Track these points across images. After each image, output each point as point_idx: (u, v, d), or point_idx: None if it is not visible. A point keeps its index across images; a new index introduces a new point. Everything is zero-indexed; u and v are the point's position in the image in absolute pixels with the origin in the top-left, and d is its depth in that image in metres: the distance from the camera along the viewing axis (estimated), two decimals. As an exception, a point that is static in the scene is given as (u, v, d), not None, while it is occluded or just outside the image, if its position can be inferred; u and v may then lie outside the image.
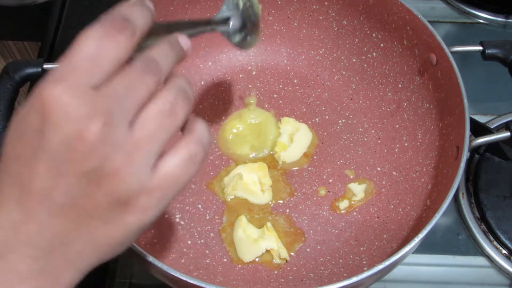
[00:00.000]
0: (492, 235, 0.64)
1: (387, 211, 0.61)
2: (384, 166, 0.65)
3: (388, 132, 0.67)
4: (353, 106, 0.69)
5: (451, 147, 0.56)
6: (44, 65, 0.57)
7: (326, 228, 0.61)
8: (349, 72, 0.70)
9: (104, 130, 0.28)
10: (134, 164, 0.30)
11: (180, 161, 0.32)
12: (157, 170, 0.31)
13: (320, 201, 0.63)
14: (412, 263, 0.62)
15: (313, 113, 0.69)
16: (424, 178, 0.60)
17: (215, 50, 0.72)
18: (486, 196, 0.65)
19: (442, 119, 0.60)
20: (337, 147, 0.67)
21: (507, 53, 0.57)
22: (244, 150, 0.66)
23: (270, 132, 0.68)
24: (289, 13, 0.70)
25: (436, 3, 0.85)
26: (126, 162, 0.29)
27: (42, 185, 0.29)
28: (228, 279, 0.57)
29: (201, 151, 0.33)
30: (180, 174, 0.32)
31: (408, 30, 0.62)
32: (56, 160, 0.29)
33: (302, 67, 0.72)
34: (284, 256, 0.58)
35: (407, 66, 0.64)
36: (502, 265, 0.62)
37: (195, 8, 0.67)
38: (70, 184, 0.29)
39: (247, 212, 0.62)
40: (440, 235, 0.65)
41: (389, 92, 0.67)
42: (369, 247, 0.59)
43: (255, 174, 0.63)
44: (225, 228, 0.61)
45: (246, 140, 0.67)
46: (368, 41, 0.67)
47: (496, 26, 0.82)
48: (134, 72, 0.30)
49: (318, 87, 0.71)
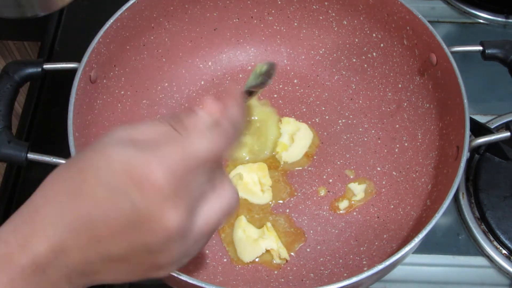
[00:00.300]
0: (492, 235, 0.64)
1: (387, 211, 0.61)
2: (384, 166, 0.65)
3: (388, 132, 0.67)
4: (353, 106, 0.69)
5: (451, 147, 0.56)
6: (44, 65, 0.57)
7: (326, 228, 0.61)
8: (349, 72, 0.70)
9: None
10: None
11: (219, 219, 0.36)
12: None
13: (320, 201, 0.63)
14: (412, 263, 0.62)
15: (313, 113, 0.69)
16: (424, 178, 0.60)
17: (215, 50, 0.72)
18: (486, 196, 0.65)
19: (442, 119, 0.60)
20: (337, 147, 0.67)
21: (507, 53, 0.57)
22: (241, 153, 0.66)
23: (271, 133, 0.67)
24: (289, 13, 0.70)
25: (436, 3, 0.84)
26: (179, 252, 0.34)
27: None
28: (228, 279, 0.57)
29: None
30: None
31: (408, 30, 0.62)
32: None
33: (302, 67, 0.72)
34: (284, 256, 0.58)
35: (407, 66, 0.64)
36: (502, 265, 0.62)
37: (195, 8, 0.67)
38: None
39: (246, 212, 0.62)
40: (440, 235, 0.65)
41: (389, 92, 0.67)
42: (369, 247, 0.59)
43: (255, 174, 0.63)
44: (224, 228, 0.61)
45: (244, 143, 0.67)
46: (368, 41, 0.67)
47: (496, 26, 0.82)
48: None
49: (318, 87, 0.71)
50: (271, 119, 0.69)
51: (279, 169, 0.65)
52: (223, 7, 0.68)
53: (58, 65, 0.58)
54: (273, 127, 0.68)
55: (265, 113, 0.69)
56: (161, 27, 0.66)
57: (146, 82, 0.67)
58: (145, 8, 0.62)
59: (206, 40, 0.70)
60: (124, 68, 0.64)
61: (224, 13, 0.69)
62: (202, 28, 0.69)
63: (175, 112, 0.69)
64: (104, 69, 0.60)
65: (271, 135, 0.67)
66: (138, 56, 0.65)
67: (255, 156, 0.66)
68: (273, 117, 0.69)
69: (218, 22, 0.70)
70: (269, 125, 0.68)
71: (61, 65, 0.57)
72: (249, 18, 0.70)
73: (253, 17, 0.70)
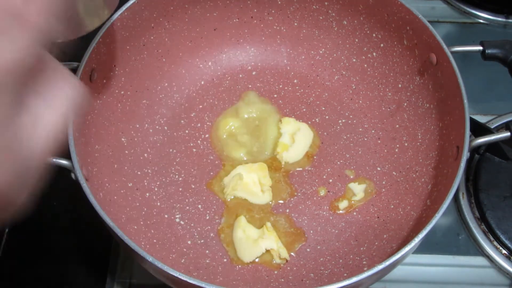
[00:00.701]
0: (492, 235, 0.64)
1: (387, 211, 0.61)
2: (384, 166, 0.65)
3: (388, 132, 0.67)
4: (353, 106, 0.69)
5: (451, 147, 0.56)
6: (44, 65, 0.57)
7: (326, 228, 0.61)
8: (349, 72, 0.70)
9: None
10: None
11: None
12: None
13: (320, 201, 0.63)
14: (412, 263, 0.63)
15: (313, 113, 0.69)
16: (424, 178, 0.60)
17: (215, 50, 0.72)
18: (486, 196, 0.65)
19: (442, 119, 0.60)
20: (337, 147, 0.67)
21: (507, 53, 0.57)
22: (239, 154, 0.66)
23: (271, 133, 0.67)
24: (289, 13, 0.70)
25: (436, 3, 0.85)
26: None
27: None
28: (228, 279, 0.57)
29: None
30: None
31: (408, 30, 0.62)
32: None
33: (302, 67, 0.72)
34: (284, 256, 0.58)
35: (407, 66, 0.64)
36: (502, 265, 0.62)
37: (195, 8, 0.67)
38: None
39: (246, 212, 0.62)
40: (440, 235, 0.65)
41: (389, 92, 0.67)
42: (369, 247, 0.59)
43: (255, 174, 0.63)
44: (223, 228, 0.61)
45: (243, 144, 0.67)
46: (368, 41, 0.67)
47: (496, 26, 0.82)
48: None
49: (318, 87, 0.71)
50: (271, 117, 0.68)
51: (279, 170, 0.65)
52: (223, 7, 0.68)
53: (58, 65, 0.58)
54: (273, 127, 0.68)
55: (265, 110, 0.69)
56: (161, 27, 0.66)
57: (146, 82, 0.67)
58: (145, 8, 0.62)
59: (206, 40, 0.71)
60: (124, 68, 0.64)
61: (224, 13, 0.69)
62: (202, 28, 0.69)
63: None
64: (104, 69, 0.60)
65: (271, 134, 0.67)
66: (138, 56, 0.65)
67: (254, 158, 0.66)
68: (274, 115, 0.69)
69: (218, 22, 0.70)
70: (269, 123, 0.68)
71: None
72: (249, 18, 0.70)
73: (253, 17, 0.70)
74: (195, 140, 0.67)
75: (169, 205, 0.62)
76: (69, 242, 0.65)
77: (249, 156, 0.66)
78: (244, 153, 0.66)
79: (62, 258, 0.64)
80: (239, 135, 0.67)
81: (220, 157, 0.66)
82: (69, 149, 0.51)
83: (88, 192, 0.49)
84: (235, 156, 0.66)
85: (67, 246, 0.65)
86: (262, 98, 0.70)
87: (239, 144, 0.67)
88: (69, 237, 0.65)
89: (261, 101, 0.70)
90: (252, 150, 0.66)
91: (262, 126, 0.68)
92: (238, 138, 0.67)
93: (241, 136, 0.67)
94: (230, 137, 0.67)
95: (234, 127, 0.68)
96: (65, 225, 0.66)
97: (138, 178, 0.63)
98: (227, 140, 0.67)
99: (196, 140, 0.67)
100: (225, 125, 0.68)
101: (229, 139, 0.67)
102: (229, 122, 0.68)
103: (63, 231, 0.66)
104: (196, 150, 0.66)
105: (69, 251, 0.64)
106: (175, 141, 0.67)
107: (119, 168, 0.62)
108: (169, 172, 0.65)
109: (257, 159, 0.65)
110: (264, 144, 0.67)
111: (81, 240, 0.65)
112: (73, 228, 0.66)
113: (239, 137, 0.67)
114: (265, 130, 0.68)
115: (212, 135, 0.68)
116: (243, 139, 0.67)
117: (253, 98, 0.70)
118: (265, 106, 0.70)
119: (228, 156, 0.66)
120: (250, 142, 0.67)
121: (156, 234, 0.59)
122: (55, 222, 0.66)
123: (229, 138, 0.67)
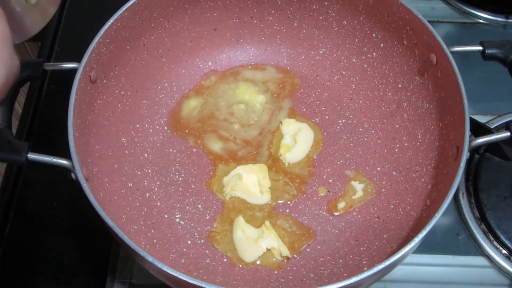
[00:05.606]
0: (492, 235, 0.64)
1: (387, 211, 0.61)
2: (384, 166, 0.65)
3: (388, 132, 0.67)
4: (353, 106, 0.69)
5: (451, 147, 0.56)
6: (44, 65, 0.57)
7: (326, 228, 0.61)
8: (349, 72, 0.70)
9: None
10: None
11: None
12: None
13: (320, 201, 0.63)
14: (412, 263, 0.62)
15: (313, 113, 0.69)
16: (424, 178, 0.60)
17: (215, 50, 0.72)
18: (486, 196, 0.65)
19: (442, 119, 0.60)
20: (337, 147, 0.67)
21: (507, 53, 0.57)
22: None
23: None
24: (289, 13, 0.70)
25: (436, 3, 0.85)
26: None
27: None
28: (228, 279, 0.57)
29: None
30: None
31: (408, 30, 0.62)
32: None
33: (302, 67, 0.72)
34: (286, 254, 0.59)
35: (407, 66, 0.64)
36: (502, 265, 0.62)
37: (195, 8, 0.67)
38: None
39: (245, 213, 0.62)
40: (440, 235, 0.65)
41: (389, 92, 0.67)
42: (369, 247, 0.59)
43: (254, 175, 0.63)
44: (223, 228, 0.61)
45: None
46: (368, 41, 0.67)
47: (496, 26, 0.82)
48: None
49: (318, 87, 0.71)
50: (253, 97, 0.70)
51: (280, 171, 0.65)
52: (223, 7, 0.69)
53: (58, 65, 0.58)
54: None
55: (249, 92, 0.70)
56: (161, 27, 0.66)
57: (146, 82, 0.67)
58: (145, 8, 0.62)
59: (206, 40, 0.71)
60: (124, 68, 0.64)
61: (224, 13, 0.69)
62: (202, 28, 0.69)
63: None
64: (104, 69, 0.60)
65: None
66: (138, 56, 0.65)
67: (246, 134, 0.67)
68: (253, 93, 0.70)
69: (218, 22, 0.70)
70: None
71: (61, 65, 0.57)
72: (249, 18, 0.70)
73: (253, 17, 0.70)
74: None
75: (169, 205, 0.62)
76: (69, 242, 0.65)
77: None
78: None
79: (62, 258, 0.64)
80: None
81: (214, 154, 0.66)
82: (69, 149, 0.51)
83: (88, 192, 0.49)
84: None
85: (67, 246, 0.65)
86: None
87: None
88: (69, 237, 0.65)
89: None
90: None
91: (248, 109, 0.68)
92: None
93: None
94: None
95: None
96: (65, 225, 0.66)
97: (138, 178, 0.63)
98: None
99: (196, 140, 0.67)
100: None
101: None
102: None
103: (63, 231, 0.66)
104: (196, 150, 0.66)
105: (69, 251, 0.64)
106: (175, 141, 0.67)
107: (119, 168, 0.62)
108: (169, 172, 0.65)
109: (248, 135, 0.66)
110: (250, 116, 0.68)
111: (81, 240, 0.65)
112: (73, 228, 0.66)
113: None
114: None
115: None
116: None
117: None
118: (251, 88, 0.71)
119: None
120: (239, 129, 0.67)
121: (156, 234, 0.59)
122: (55, 222, 0.66)
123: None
